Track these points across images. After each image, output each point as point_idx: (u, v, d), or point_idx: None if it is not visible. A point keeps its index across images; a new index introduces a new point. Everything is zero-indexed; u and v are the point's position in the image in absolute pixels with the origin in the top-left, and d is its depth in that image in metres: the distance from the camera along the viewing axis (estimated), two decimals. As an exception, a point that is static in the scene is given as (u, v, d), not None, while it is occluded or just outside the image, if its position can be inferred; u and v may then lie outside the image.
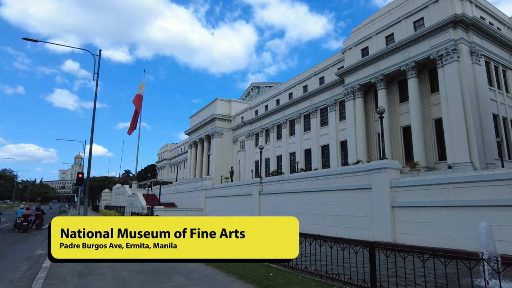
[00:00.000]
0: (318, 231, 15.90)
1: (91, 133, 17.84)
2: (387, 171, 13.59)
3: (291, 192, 19.20)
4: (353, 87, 33.25)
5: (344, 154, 35.52)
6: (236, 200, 26.04)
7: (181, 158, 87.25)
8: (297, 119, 42.53)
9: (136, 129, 50.01)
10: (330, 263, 7.40)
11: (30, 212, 20.84)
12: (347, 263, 7.93)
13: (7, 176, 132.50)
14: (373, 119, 32.83)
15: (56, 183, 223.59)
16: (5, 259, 10.54)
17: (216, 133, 57.07)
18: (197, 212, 30.39)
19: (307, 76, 41.84)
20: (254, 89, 69.53)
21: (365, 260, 6.93)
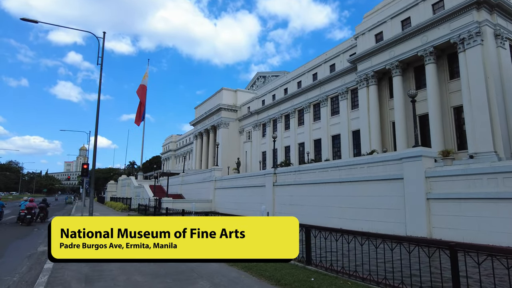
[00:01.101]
0: (340, 224, 14.97)
1: (96, 119, 16.89)
2: (421, 160, 12.47)
3: (309, 183, 18.13)
4: (366, 74, 31.91)
5: (356, 144, 34.38)
6: (247, 192, 25.05)
7: (186, 149, 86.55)
8: (306, 108, 41.29)
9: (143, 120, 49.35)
10: (378, 264, 6.37)
11: (33, 204, 20.00)
12: (397, 265, 6.92)
13: (13, 168, 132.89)
14: (388, 107, 31.58)
15: (62, 174, 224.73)
16: (5, 257, 9.68)
17: (222, 123, 56.00)
18: (206, 204, 29.53)
19: (317, 64, 40.45)
20: (260, 78, 68.11)
21: (412, 259, 5.95)
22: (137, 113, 45.85)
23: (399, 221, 12.97)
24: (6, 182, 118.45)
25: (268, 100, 49.78)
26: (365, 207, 14.49)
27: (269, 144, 48.68)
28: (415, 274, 6.17)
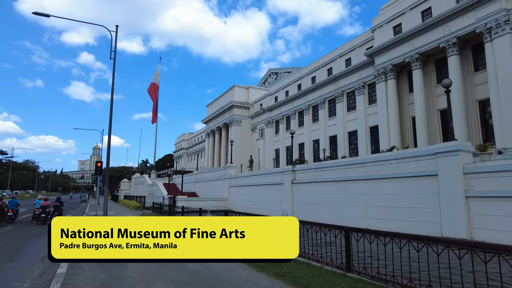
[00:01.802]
0: (366, 224, 14.17)
1: (110, 112, 16.48)
2: (459, 155, 11.53)
3: (331, 181, 17.32)
4: (384, 67, 30.83)
5: (374, 141, 33.35)
6: (264, 190, 24.35)
7: (198, 147, 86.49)
8: (321, 104, 40.35)
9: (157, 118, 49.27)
10: (430, 272, 5.61)
11: (48, 203, 19.82)
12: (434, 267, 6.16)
13: (29, 167, 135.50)
14: (407, 102, 30.46)
15: (76, 173, 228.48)
16: (17, 260, 9.26)
17: (234, 121, 55.47)
18: (221, 202, 28.98)
19: (332, 58, 39.43)
20: (272, 75, 67.34)
21: (453, 262, 5.21)
22: (153, 111, 45.82)
23: (433, 221, 12.08)
24: (23, 180, 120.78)
25: (281, 97, 48.96)
26: (393, 206, 13.63)
27: (282, 141, 47.94)
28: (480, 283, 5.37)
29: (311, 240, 8.88)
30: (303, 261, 8.03)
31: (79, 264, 7.77)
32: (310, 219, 16.26)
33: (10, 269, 8.21)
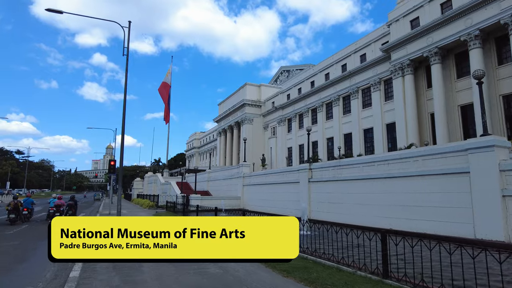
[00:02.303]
0: (388, 224, 13.60)
1: (123, 111, 16.25)
2: (494, 151, 10.79)
3: (351, 179, 16.67)
4: (401, 63, 29.94)
5: (391, 138, 32.50)
6: (279, 189, 23.83)
7: (210, 146, 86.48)
8: (335, 101, 39.59)
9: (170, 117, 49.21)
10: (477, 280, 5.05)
11: (62, 202, 19.78)
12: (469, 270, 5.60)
13: (45, 166, 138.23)
14: (425, 98, 29.51)
15: (90, 172, 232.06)
16: (30, 261, 9.02)
17: (246, 119, 55.08)
18: (235, 201, 28.62)
19: (346, 54, 38.62)
20: (283, 73, 66.67)
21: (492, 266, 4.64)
22: (166, 111, 45.76)
23: (464, 222, 11.35)
24: (39, 180, 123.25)
25: (293, 94, 48.32)
26: (419, 205, 12.92)
27: (295, 140, 47.33)
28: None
29: (336, 242, 8.40)
30: (332, 265, 7.55)
31: (93, 267, 7.49)
32: (329, 219, 15.78)
33: (22, 270, 7.99)
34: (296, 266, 7.24)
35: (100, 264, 7.74)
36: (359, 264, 7.10)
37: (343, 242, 8.13)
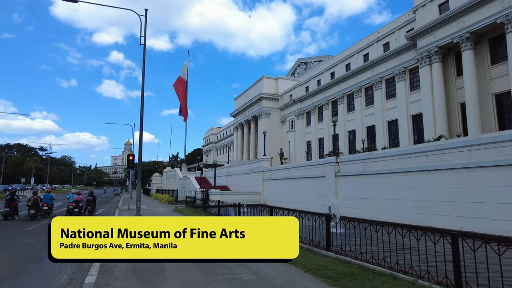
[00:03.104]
0: (429, 221, 12.56)
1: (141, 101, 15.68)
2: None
3: (383, 173, 15.55)
4: (429, 50, 28.32)
5: (417, 130, 31.00)
6: (302, 183, 22.87)
7: (227, 141, 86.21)
8: (356, 92, 38.17)
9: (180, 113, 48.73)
10: None
11: (81, 197, 19.54)
12: None
13: (66, 162, 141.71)
14: (455, 87, 27.87)
15: (109, 168, 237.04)
16: (45, 261, 8.50)
17: (263, 113, 54.19)
18: (255, 196, 27.90)
19: (368, 43, 37.08)
20: (301, 65, 65.27)
21: None
22: (184, 108, 45.24)
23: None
24: (61, 176, 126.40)
25: (312, 87, 47.04)
26: (466, 200, 11.67)
27: (314, 133, 46.18)
28: None
29: (377, 243, 7.49)
30: (383, 271, 6.56)
31: (111, 272, 6.88)
32: (360, 216, 14.81)
33: (35, 272, 7.43)
34: (341, 272, 6.37)
35: (118, 268, 7.13)
36: (420, 271, 6.01)
37: (386, 243, 7.20)
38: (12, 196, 18.15)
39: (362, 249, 7.77)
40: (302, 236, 10.09)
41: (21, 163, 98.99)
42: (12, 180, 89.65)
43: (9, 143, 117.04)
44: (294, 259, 7.63)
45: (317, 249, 8.87)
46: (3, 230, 14.30)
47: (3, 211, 17.70)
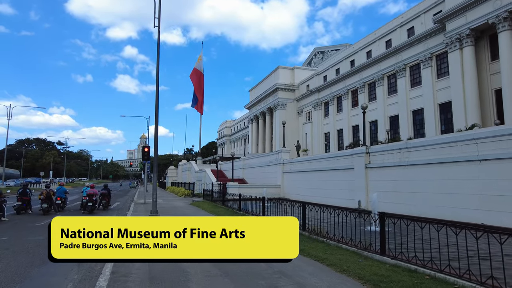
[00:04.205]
0: (480, 218, 11.25)
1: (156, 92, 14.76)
2: None
3: (424, 164, 14.05)
4: (459, 33, 26.42)
5: (445, 119, 29.23)
6: (327, 176, 21.59)
7: (241, 134, 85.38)
8: (378, 81, 36.42)
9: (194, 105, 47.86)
10: None
11: (94, 191, 18.77)
12: None
13: (83, 156, 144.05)
14: (488, 72, 25.98)
15: (125, 162, 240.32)
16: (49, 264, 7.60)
17: (279, 104, 52.84)
18: (274, 190, 26.79)
19: (391, 29, 35.18)
20: (317, 54, 63.46)
21: None
22: (199, 100, 44.35)
23: None
24: (78, 169, 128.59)
25: (330, 76, 45.35)
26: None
27: (333, 124, 44.67)
28: None
29: (430, 243, 6.33)
30: (457, 282, 5.32)
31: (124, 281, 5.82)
32: (395, 211, 13.51)
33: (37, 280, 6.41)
34: (406, 285, 5.23)
35: (132, 277, 6.12)
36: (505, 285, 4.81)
37: (443, 244, 6.02)
38: (24, 190, 17.56)
39: (419, 252, 6.54)
40: (338, 235, 8.98)
41: (40, 157, 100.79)
42: (32, 174, 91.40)
43: (28, 138, 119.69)
44: (344, 266, 6.53)
45: (367, 253, 7.57)
46: (13, 225, 13.66)
47: (16, 205, 17.18)
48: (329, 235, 8.98)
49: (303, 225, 10.23)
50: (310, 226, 9.93)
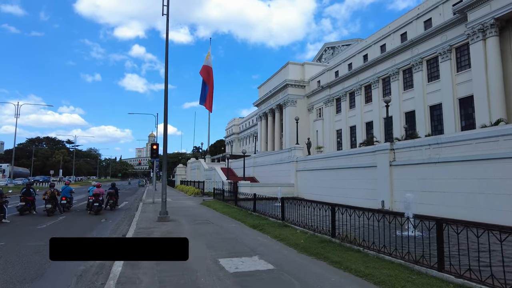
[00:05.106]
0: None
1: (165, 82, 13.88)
2: None
3: (457, 161, 12.93)
4: (483, 23, 25.01)
5: (465, 115, 27.87)
6: (346, 175, 20.50)
7: (249, 132, 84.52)
8: (393, 75, 35.09)
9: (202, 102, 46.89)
10: None
11: (101, 190, 17.93)
12: None
13: (92, 155, 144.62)
14: (513, 65, 24.51)
15: (133, 160, 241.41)
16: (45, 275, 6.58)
17: (288, 101, 51.74)
18: (288, 189, 25.71)
19: (406, 21, 33.81)
20: (328, 50, 62.10)
21: None
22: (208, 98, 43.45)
23: None
24: (88, 168, 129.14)
25: (342, 71, 44.08)
26: None
27: (345, 121, 43.43)
28: None
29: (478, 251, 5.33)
30: None
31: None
32: (424, 212, 12.42)
33: None
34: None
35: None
36: None
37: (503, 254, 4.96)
38: (28, 189, 16.78)
39: (485, 267, 5.49)
40: (368, 241, 7.91)
41: (50, 156, 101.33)
42: (42, 173, 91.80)
43: (39, 137, 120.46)
44: (397, 285, 5.51)
45: (418, 267, 6.24)
46: (13, 228, 12.82)
47: (19, 205, 16.48)
48: (366, 243, 7.82)
49: (332, 232, 9.10)
50: (341, 232, 8.76)
